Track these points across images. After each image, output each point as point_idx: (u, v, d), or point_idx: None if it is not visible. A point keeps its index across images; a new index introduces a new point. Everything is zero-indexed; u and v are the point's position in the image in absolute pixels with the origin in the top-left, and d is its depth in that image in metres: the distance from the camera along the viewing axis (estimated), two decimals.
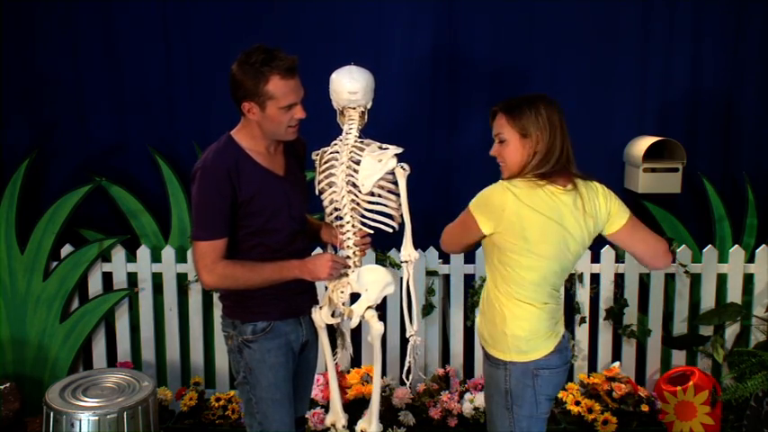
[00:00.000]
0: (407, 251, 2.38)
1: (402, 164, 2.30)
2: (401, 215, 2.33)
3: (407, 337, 2.42)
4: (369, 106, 2.36)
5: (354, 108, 2.34)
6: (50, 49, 3.78)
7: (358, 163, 2.30)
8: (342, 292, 2.36)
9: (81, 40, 3.78)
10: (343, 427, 2.52)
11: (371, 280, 2.34)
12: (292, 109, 2.23)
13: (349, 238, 2.35)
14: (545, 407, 2.20)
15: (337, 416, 2.54)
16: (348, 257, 2.36)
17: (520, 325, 2.14)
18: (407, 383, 2.43)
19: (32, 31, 3.77)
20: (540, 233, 2.07)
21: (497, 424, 2.21)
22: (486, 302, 2.23)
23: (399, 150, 2.30)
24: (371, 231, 2.36)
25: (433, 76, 3.83)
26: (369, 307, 2.36)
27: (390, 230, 2.34)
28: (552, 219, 2.07)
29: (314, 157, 2.43)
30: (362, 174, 2.29)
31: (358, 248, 2.36)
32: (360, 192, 2.31)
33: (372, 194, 2.31)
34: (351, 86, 2.31)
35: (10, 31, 3.76)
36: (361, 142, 2.34)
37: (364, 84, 2.32)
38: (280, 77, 2.18)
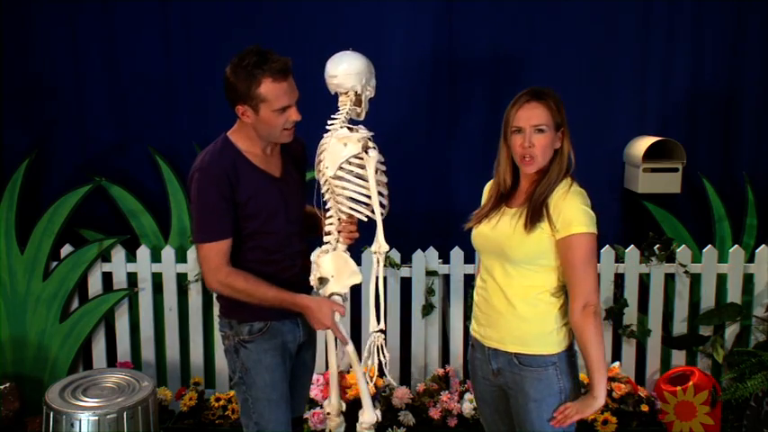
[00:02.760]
0: (377, 243, 2.30)
1: (370, 148, 2.23)
2: (384, 203, 2.29)
3: (371, 332, 2.34)
4: (359, 91, 2.29)
5: (345, 93, 2.30)
6: (50, 48, 3.78)
7: None
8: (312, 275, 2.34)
9: (81, 40, 3.78)
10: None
11: (336, 267, 2.30)
12: (286, 111, 2.21)
13: (331, 224, 2.33)
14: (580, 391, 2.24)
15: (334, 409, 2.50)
16: (329, 243, 2.33)
17: (564, 314, 2.18)
18: (371, 381, 2.40)
19: (32, 30, 3.76)
20: None
21: (548, 428, 2.14)
22: (523, 306, 2.15)
23: (365, 134, 2.24)
24: (343, 217, 2.31)
25: (433, 75, 3.83)
26: (335, 293, 2.31)
27: (364, 218, 2.28)
28: None
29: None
30: (328, 158, 2.25)
31: (340, 235, 2.32)
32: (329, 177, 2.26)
33: (339, 179, 2.26)
34: (330, 70, 2.28)
35: (10, 30, 3.76)
36: (348, 128, 2.28)
37: (345, 67, 2.26)
38: (272, 80, 2.16)
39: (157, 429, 3.09)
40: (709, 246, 3.75)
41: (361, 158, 2.25)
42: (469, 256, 3.70)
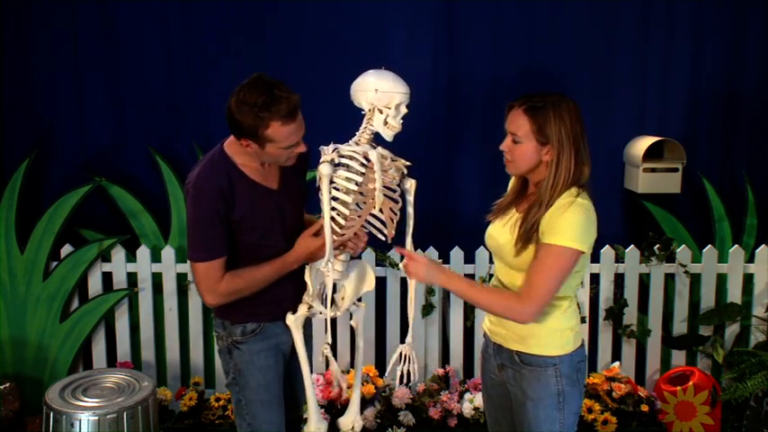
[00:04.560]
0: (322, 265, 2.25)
1: (324, 163, 2.18)
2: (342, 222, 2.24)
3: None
4: (366, 108, 2.23)
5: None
6: (50, 49, 3.78)
7: None
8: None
9: (81, 40, 3.78)
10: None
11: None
12: (292, 147, 2.18)
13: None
14: (582, 399, 2.25)
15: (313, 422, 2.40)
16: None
17: (569, 318, 2.16)
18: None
19: (32, 31, 3.76)
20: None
21: (544, 429, 2.15)
22: None
23: (333, 148, 2.19)
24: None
25: (433, 75, 3.83)
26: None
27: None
28: None
29: None
30: None
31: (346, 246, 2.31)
32: None
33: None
34: None
35: (10, 30, 3.76)
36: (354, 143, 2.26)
37: (354, 85, 2.24)
38: (281, 123, 2.09)
39: (157, 429, 3.09)
40: (709, 246, 3.75)
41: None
42: (469, 256, 3.70)
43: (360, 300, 2.45)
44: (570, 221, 2.03)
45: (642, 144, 3.69)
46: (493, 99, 3.82)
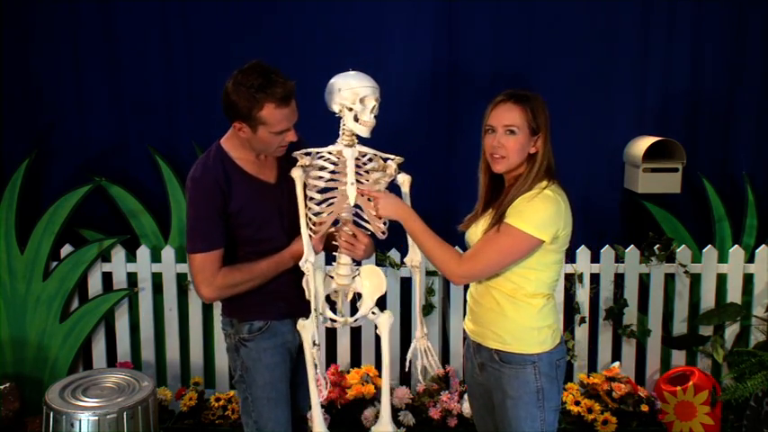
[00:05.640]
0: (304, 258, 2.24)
1: (295, 167, 2.20)
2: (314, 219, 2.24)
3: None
4: (336, 110, 2.21)
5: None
6: (50, 48, 3.78)
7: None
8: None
9: (81, 39, 3.78)
10: None
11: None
12: (284, 133, 2.20)
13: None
14: (561, 396, 2.27)
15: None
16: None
17: (546, 316, 2.18)
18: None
19: (32, 30, 3.76)
20: (570, 228, 2.17)
21: (525, 427, 2.17)
22: (504, 303, 2.17)
23: (299, 164, 2.20)
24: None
25: (433, 76, 3.83)
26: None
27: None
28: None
29: None
30: None
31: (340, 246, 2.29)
32: None
33: None
34: None
35: (10, 30, 3.76)
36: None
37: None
38: (275, 106, 2.13)
39: (157, 429, 3.09)
40: (709, 246, 3.76)
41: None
42: None
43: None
44: (535, 208, 2.08)
45: (642, 144, 3.69)
46: (492, 98, 3.81)
